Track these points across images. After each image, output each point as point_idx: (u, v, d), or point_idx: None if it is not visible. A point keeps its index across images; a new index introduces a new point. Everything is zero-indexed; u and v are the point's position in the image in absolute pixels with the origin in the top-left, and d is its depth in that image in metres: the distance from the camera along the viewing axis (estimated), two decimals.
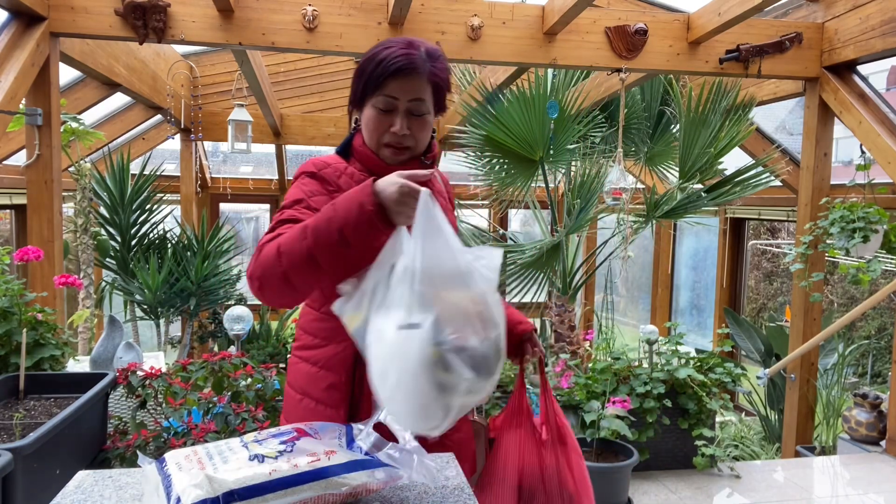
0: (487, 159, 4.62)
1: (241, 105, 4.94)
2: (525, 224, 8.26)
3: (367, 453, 1.14)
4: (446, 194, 1.47)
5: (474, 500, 1.17)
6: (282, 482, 0.96)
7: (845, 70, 3.83)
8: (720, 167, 4.54)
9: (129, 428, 2.58)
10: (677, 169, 4.62)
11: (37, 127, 3.14)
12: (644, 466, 3.22)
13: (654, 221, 4.62)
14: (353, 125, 1.41)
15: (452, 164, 6.84)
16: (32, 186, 3.19)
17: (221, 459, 1.00)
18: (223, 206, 7.63)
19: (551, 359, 4.46)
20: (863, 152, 3.63)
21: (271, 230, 1.25)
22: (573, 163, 4.64)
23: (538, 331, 1.40)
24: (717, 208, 6.26)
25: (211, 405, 2.46)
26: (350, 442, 1.18)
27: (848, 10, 3.66)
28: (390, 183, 1.11)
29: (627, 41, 3.67)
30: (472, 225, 4.82)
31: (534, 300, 4.72)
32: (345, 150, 1.40)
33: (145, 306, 4.62)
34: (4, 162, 4.35)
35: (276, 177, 7.25)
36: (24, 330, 2.29)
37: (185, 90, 5.40)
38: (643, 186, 5.83)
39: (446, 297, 1.05)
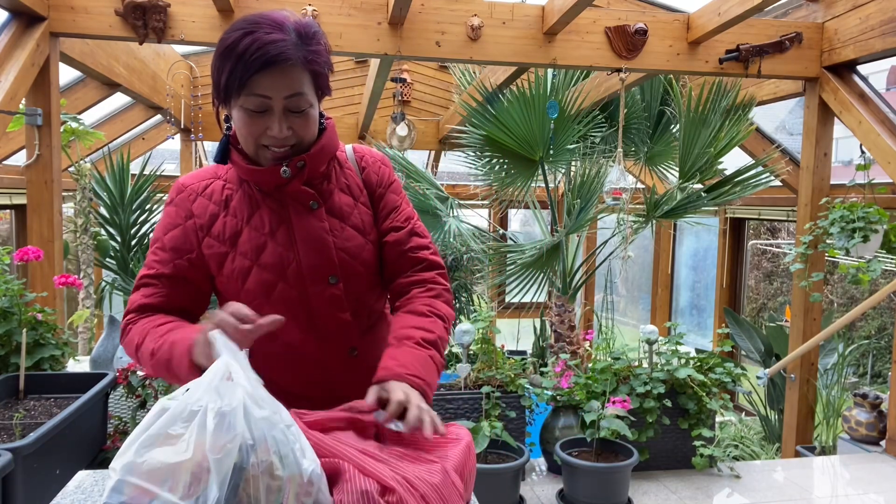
0: (487, 159, 4.62)
1: None
2: (525, 224, 8.26)
3: None
4: (360, 184, 1.29)
5: None
6: None
7: (845, 70, 3.83)
8: (720, 167, 4.55)
9: (129, 428, 2.58)
10: (677, 169, 4.62)
11: (37, 127, 3.14)
12: (644, 466, 3.22)
13: (654, 221, 4.62)
14: (225, 125, 1.21)
15: (452, 164, 6.85)
16: (32, 186, 3.20)
17: None
18: None
19: (551, 359, 4.46)
20: (863, 152, 3.63)
21: (136, 287, 1.23)
22: (573, 163, 4.64)
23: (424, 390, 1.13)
24: (717, 208, 6.26)
25: None
26: None
27: (848, 10, 3.66)
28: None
29: (627, 41, 3.67)
30: (472, 225, 4.82)
31: (534, 300, 4.72)
32: (223, 157, 1.22)
33: None
34: (4, 162, 4.35)
35: None
36: (24, 330, 2.29)
37: (185, 90, 5.40)
38: (643, 186, 5.83)
39: (170, 445, 0.90)
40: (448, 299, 1.32)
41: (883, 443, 3.54)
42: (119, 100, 5.05)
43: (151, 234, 4.78)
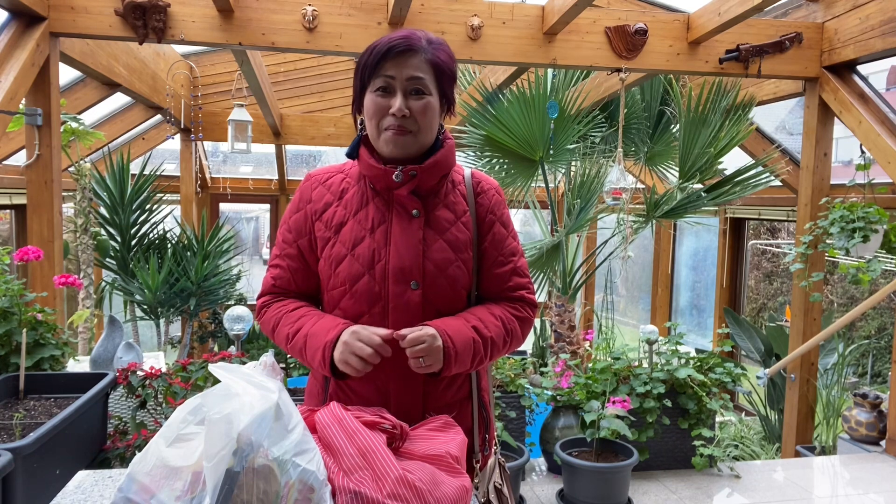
0: (487, 159, 4.62)
1: (241, 105, 4.95)
2: (525, 224, 8.26)
3: None
4: (465, 205, 1.37)
5: None
6: None
7: (845, 70, 3.83)
8: (720, 167, 4.55)
9: (129, 428, 2.59)
10: (677, 169, 4.62)
11: (37, 127, 3.14)
12: (644, 466, 3.22)
13: (654, 221, 4.62)
14: (359, 128, 1.37)
15: None
16: (32, 186, 3.19)
17: None
18: (223, 206, 7.63)
19: (551, 359, 4.46)
20: (863, 152, 3.63)
21: (269, 266, 1.42)
22: (573, 163, 4.64)
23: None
24: (717, 208, 6.26)
25: None
26: None
27: (848, 9, 3.66)
28: (340, 342, 1.22)
29: (627, 41, 3.67)
30: None
31: None
32: (353, 152, 1.37)
33: (145, 306, 4.63)
34: (4, 162, 4.35)
35: (276, 177, 7.25)
36: (24, 330, 2.29)
37: (185, 90, 5.40)
38: (643, 186, 5.83)
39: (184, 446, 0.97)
40: (525, 327, 1.40)
41: (883, 443, 3.54)
42: (119, 100, 5.05)
43: (152, 235, 4.81)
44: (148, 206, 4.82)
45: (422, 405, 1.31)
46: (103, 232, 4.67)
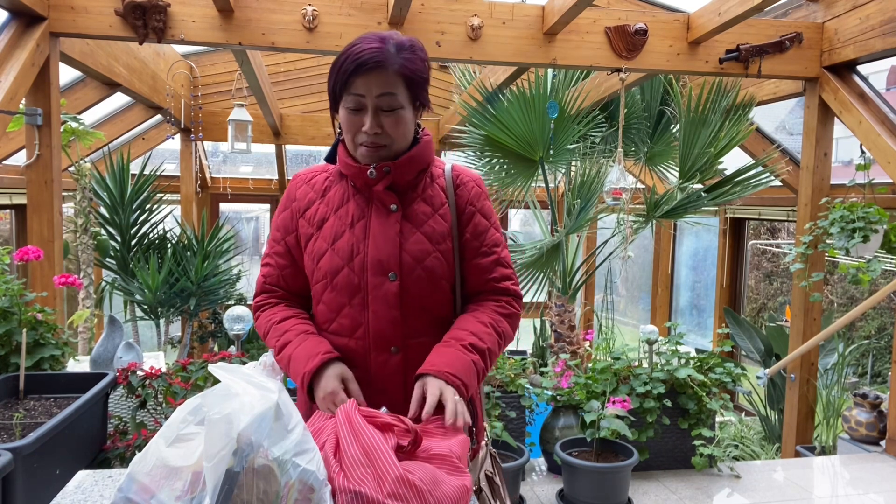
0: (487, 159, 4.63)
1: (241, 105, 4.95)
2: (525, 224, 8.26)
3: None
4: (443, 198, 1.39)
5: None
6: None
7: (845, 70, 3.83)
8: (720, 167, 4.55)
9: (129, 428, 2.59)
10: (677, 169, 4.62)
11: (37, 127, 3.14)
12: (644, 466, 3.22)
13: (654, 221, 4.62)
14: (338, 130, 1.39)
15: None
16: (32, 186, 3.20)
17: None
18: (223, 206, 7.63)
19: (551, 359, 4.46)
20: (863, 152, 3.63)
21: (262, 264, 1.47)
22: (573, 163, 4.64)
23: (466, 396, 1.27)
24: (717, 208, 6.26)
25: None
26: None
27: (848, 9, 3.66)
28: (320, 388, 1.25)
29: (627, 41, 3.67)
30: None
31: (534, 300, 4.72)
32: (332, 156, 1.42)
33: (145, 306, 4.63)
34: (4, 162, 4.35)
35: (276, 177, 7.25)
36: (24, 330, 2.29)
37: (185, 90, 5.40)
38: (643, 186, 5.83)
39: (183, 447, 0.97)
40: (514, 323, 1.43)
41: (883, 443, 3.54)
42: (119, 100, 5.05)
43: (152, 235, 4.82)
44: (148, 206, 4.82)
45: (404, 399, 1.30)
46: (103, 232, 4.67)
